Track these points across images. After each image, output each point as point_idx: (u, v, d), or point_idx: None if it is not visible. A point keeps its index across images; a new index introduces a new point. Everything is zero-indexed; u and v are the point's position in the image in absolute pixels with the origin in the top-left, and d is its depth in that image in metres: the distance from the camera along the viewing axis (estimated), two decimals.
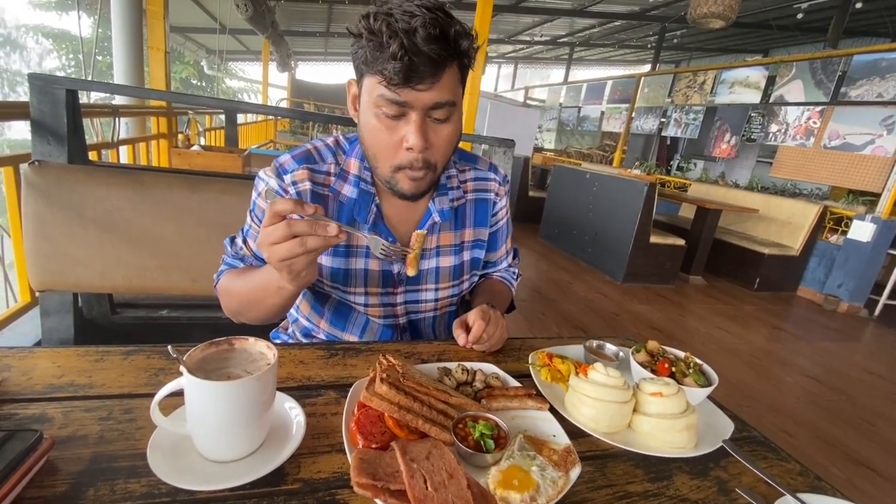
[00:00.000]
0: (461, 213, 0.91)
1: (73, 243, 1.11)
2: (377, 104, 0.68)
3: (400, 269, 0.86)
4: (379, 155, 0.73)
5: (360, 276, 0.84)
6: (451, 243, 0.90)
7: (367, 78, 0.68)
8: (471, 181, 0.92)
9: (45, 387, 0.59)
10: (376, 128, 0.70)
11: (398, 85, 0.64)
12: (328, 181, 0.81)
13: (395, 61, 0.62)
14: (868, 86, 4.72)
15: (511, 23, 10.85)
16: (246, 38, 11.85)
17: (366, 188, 0.81)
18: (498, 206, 0.96)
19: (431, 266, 0.88)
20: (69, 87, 1.13)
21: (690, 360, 0.76)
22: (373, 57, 0.65)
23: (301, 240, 0.57)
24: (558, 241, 5.62)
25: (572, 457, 0.56)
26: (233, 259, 0.87)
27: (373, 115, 0.69)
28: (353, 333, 0.90)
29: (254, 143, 7.00)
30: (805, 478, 0.62)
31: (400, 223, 0.85)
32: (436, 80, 0.66)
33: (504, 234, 1.01)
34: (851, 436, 2.35)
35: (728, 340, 3.43)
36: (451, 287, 0.92)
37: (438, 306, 0.93)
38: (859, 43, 7.95)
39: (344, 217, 0.82)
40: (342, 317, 0.89)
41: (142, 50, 3.74)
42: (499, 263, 1.04)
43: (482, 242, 0.94)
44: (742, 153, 8.18)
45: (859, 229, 4.38)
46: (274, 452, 0.51)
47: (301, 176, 0.79)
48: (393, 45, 0.61)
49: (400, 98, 0.65)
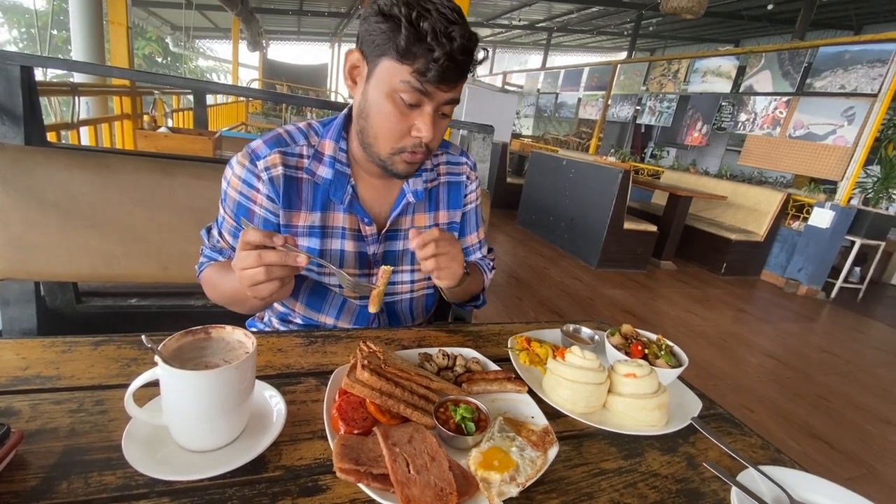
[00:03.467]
0: (435, 196, 0.93)
1: (32, 229, 1.05)
2: (397, 89, 0.70)
3: (375, 250, 0.87)
4: (381, 135, 0.75)
5: (336, 257, 0.84)
6: (426, 225, 0.92)
7: (390, 61, 0.69)
8: (443, 164, 0.95)
9: (9, 379, 0.57)
10: (389, 111, 0.72)
11: (430, 82, 0.68)
12: (301, 163, 0.82)
13: (435, 63, 0.66)
14: (832, 77, 4.89)
15: (489, 5, 10.73)
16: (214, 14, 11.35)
17: (341, 169, 0.82)
18: (469, 188, 0.98)
19: (407, 247, 0.90)
20: (24, 64, 1.06)
21: (662, 343, 0.79)
22: (407, 48, 0.66)
23: (267, 269, 0.61)
24: (535, 227, 5.68)
25: (550, 437, 0.58)
26: (212, 252, 0.86)
27: (386, 98, 0.71)
28: (329, 315, 0.90)
29: (225, 126, 6.76)
30: (766, 451, 0.66)
31: (375, 202, 0.87)
32: (457, 84, 0.72)
33: (474, 219, 1.02)
34: (807, 411, 2.50)
35: (696, 323, 3.57)
36: None
37: (415, 288, 0.94)
38: (825, 35, 8.22)
39: (319, 198, 0.82)
40: (318, 298, 0.89)
41: (102, 24, 3.54)
42: (471, 252, 1.05)
43: (456, 225, 0.97)
44: (713, 141, 8.39)
45: (819, 216, 4.59)
46: (254, 441, 0.51)
47: (273, 161, 0.79)
48: (437, 50, 0.66)
49: (424, 89, 0.69)
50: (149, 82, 3.55)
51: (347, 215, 0.84)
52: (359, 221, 0.84)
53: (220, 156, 3.11)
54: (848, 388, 2.87)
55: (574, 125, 11.56)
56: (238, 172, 0.80)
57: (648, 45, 13.27)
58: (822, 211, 4.56)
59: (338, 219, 0.83)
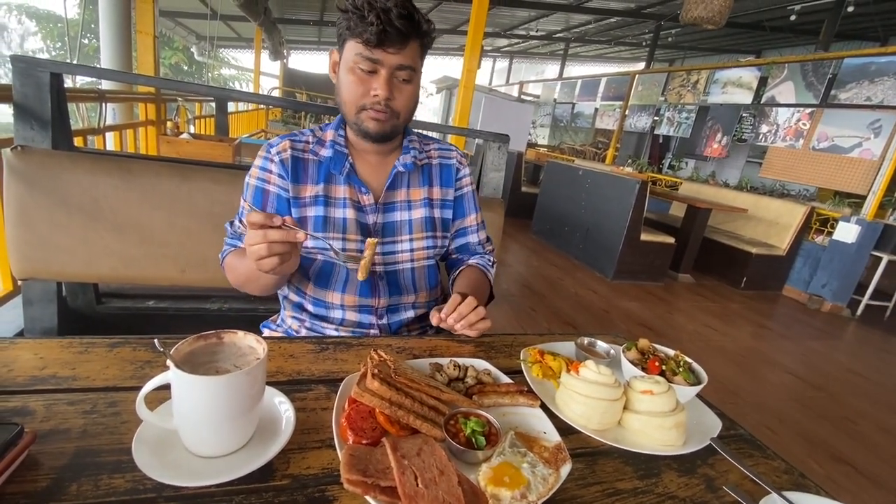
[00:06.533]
0: (428, 173, 1.04)
1: (57, 231, 1.08)
2: (355, 62, 0.85)
3: (375, 220, 0.96)
4: (348, 100, 0.89)
5: (340, 224, 0.93)
6: (421, 198, 1.01)
7: (348, 43, 0.85)
8: (434, 150, 1.07)
9: (26, 379, 0.58)
10: (351, 81, 0.86)
11: (374, 46, 0.82)
12: (307, 147, 0.96)
13: (372, 27, 0.80)
14: (857, 89, 4.78)
15: (507, 16, 10.78)
16: (238, 24, 11.63)
17: (340, 149, 0.95)
18: (462, 172, 1.08)
19: (405, 218, 0.99)
20: (54, 71, 1.09)
21: (680, 359, 0.76)
22: (355, 25, 0.82)
23: (269, 245, 0.69)
24: (550, 237, 5.64)
25: (563, 454, 0.56)
26: (233, 239, 0.96)
27: (349, 72, 0.86)
28: (336, 290, 0.95)
29: (245, 133, 6.90)
30: (790, 476, 0.63)
31: (370, 175, 0.98)
32: (402, 47, 0.84)
33: (471, 201, 1.10)
34: (832, 433, 2.40)
35: (714, 338, 3.48)
36: (426, 238, 1.01)
37: (415, 257, 1.00)
38: (850, 46, 8.05)
39: (323, 172, 0.94)
40: (325, 276, 0.96)
41: (130, 34, 3.65)
42: (470, 233, 1.10)
43: (449, 203, 1.06)
44: (732, 153, 8.25)
45: (844, 230, 4.45)
46: (263, 448, 0.50)
47: (284, 146, 0.94)
48: (371, 16, 0.80)
49: (373, 56, 0.83)
50: (173, 90, 3.65)
51: (347, 186, 0.94)
52: (357, 192, 0.95)
53: (239, 162, 3.17)
54: (875, 410, 2.75)
55: (591, 135, 11.49)
56: (257, 164, 0.95)
57: (667, 55, 13.16)
58: (848, 225, 4.42)
59: (339, 190, 0.94)
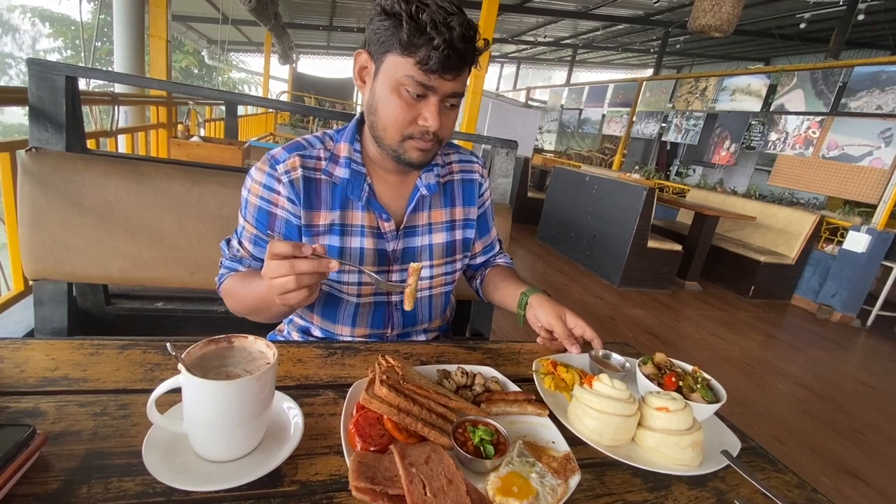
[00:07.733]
0: (450, 191, 0.96)
1: (69, 232, 1.09)
2: (402, 83, 0.73)
3: (395, 247, 0.88)
4: (389, 126, 0.77)
5: (357, 255, 0.85)
6: (443, 220, 0.94)
7: (394, 56, 0.72)
8: (455, 163, 0.98)
9: (38, 380, 0.58)
10: (395, 103, 0.74)
11: (432, 72, 0.71)
12: (319, 165, 0.84)
13: (436, 52, 0.69)
14: (868, 97, 4.74)
15: (515, 22, 10.83)
16: (248, 28, 11.77)
17: (357, 168, 0.85)
18: (483, 186, 1.02)
19: (425, 243, 0.91)
20: (69, 74, 1.11)
21: (698, 375, 0.74)
22: (408, 40, 0.69)
23: (298, 277, 0.61)
24: (556, 242, 5.62)
25: (572, 464, 0.56)
26: (231, 262, 0.87)
27: (392, 91, 0.74)
28: (345, 325, 0.90)
29: (254, 136, 6.96)
30: (802, 490, 0.62)
31: (391, 199, 0.89)
32: (459, 73, 0.74)
33: (491, 214, 1.07)
34: (841, 445, 2.37)
35: (722, 347, 3.44)
36: (445, 264, 0.95)
37: (433, 284, 0.95)
38: (860, 54, 8.01)
39: (338, 197, 0.84)
40: (332, 308, 0.90)
41: (143, 37, 3.70)
42: (494, 244, 1.09)
43: (472, 222, 0.99)
44: (741, 161, 8.19)
45: (854, 240, 4.41)
46: (271, 453, 0.50)
47: (293, 164, 0.82)
48: (437, 38, 0.68)
49: (429, 83, 0.72)
50: (185, 94, 3.69)
51: (366, 213, 0.85)
52: (377, 218, 0.86)
53: (248, 165, 3.19)
54: (886, 422, 2.71)
55: (597, 141, 11.48)
56: (258, 178, 0.82)
57: (675, 62, 13.14)
58: (858, 235, 4.38)
59: (356, 217, 0.85)
